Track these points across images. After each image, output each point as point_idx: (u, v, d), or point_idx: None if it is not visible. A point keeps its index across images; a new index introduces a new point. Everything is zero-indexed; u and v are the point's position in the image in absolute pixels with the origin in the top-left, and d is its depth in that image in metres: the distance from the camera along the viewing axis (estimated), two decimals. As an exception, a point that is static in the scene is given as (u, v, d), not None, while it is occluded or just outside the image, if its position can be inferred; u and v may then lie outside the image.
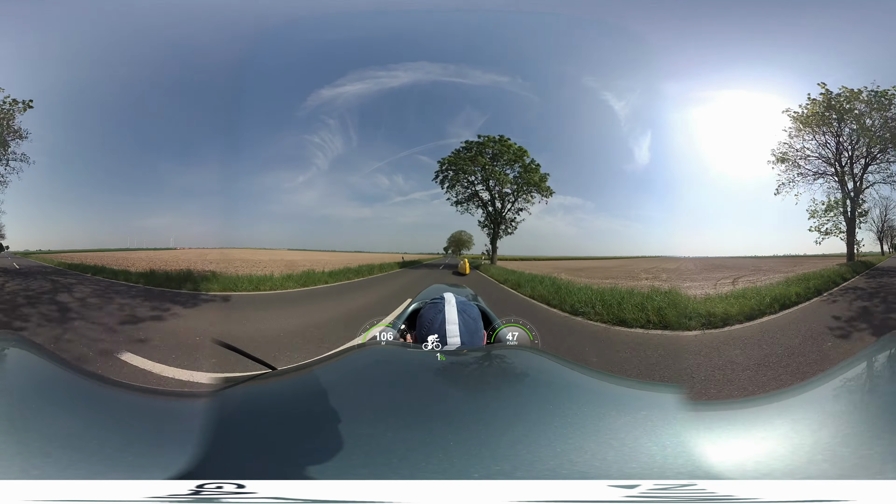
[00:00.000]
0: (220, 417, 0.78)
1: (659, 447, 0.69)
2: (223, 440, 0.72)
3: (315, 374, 1.01)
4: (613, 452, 0.68)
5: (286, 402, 0.88)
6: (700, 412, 0.81)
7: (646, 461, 0.66)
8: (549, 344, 5.24)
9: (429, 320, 1.43)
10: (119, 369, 5.40)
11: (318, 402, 0.82)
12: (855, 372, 0.95)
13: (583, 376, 0.99)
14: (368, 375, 1.02)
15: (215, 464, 0.67)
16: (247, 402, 0.91)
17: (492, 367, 1.12)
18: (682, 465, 0.66)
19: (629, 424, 0.76)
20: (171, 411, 0.91)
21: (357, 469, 0.64)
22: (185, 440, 0.70)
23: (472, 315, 1.47)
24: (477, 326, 1.46)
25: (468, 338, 1.39)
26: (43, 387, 0.94)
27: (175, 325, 7.85)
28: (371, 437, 0.70)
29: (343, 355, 1.12)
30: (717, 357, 6.26)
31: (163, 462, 0.68)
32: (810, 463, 0.65)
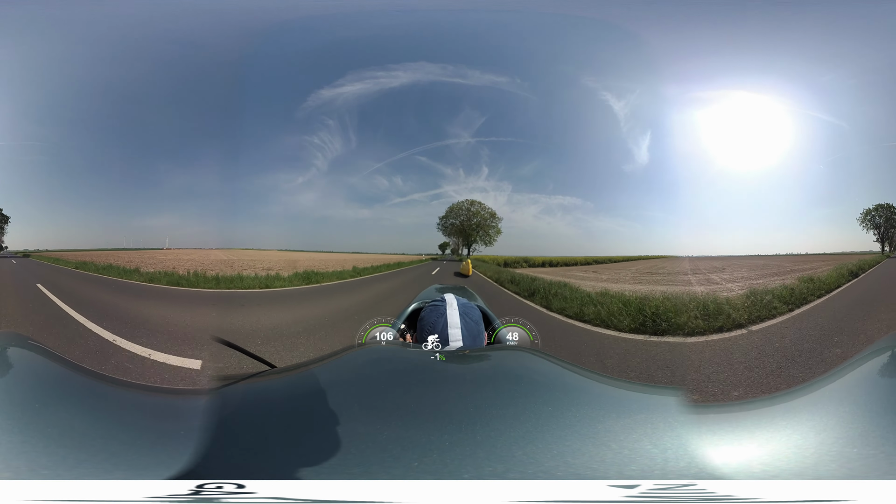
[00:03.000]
0: (221, 416, 0.78)
1: (659, 449, 0.69)
2: (223, 438, 0.72)
3: (314, 372, 1.01)
4: (612, 454, 0.67)
5: (285, 400, 0.89)
6: (701, 414, 0.80)
7: (645, 463, 0.66)
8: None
9: (430, 323, 1.42)
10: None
11: (317, 401, 0.82)
12: (857, 373, 0.94)
13: (582, 378, 0.99)
14: (367, 375, 1.02)
15: (216, 462, 0.67)
16: (247, 400, 0.91)
17: (491, 368, 1.12)
18: (683, 469, 0.66)
19: (629, 426, 0.76)
20: (173, 409, 0.91)
21: (352, 468, 0.64)
22: (187, 438, 0.71)
23: (474, 318, 1.46)
24: (479, 329, 1.46)
25: (470, 341, 1.39)
26: (45, 386, 0.94)
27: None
28: (368, 437, 0.70)
29: (342, 354, 1.12)
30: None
31: (164, 460, 0.68)
32: (817, 464, 0.65)
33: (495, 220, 23.29)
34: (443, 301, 1.49)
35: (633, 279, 15.11)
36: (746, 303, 8.53)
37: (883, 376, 0.97)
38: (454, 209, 23.47)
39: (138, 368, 5.29)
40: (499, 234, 23.26)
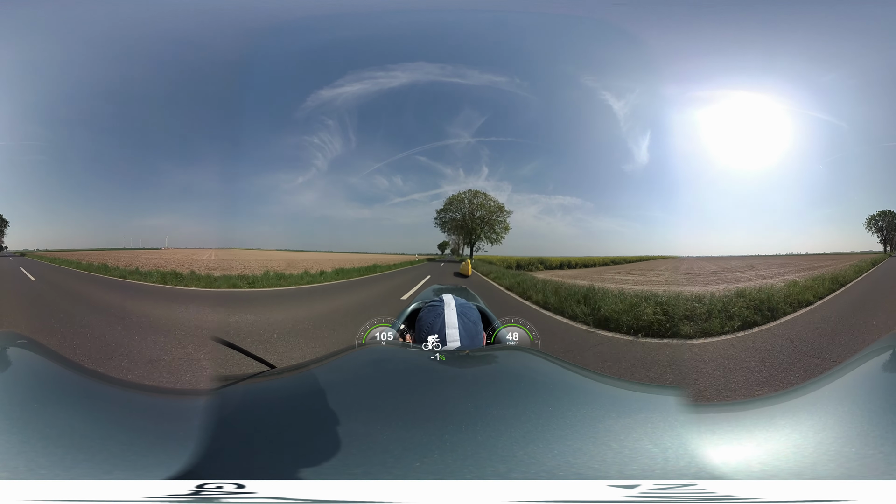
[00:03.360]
0: (221, 416, 0.78)
1: (660, 449, 0.69)
2: (223, 439, 0.72)
3: (314, 373, 1.01)
4: (613, 454, 0.67)
5: (285, 401, 0.89)
6: (701, 414, 0.80)
7: (646, 463, 0.66)
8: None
9: (428, 323, 1.42)
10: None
11: (317, 401, 0.82)
12: (857, 373, 0.95)
13: (582, 378, 0.99)
14: (367, 375, 1.02)
15: (216, 462, 0.67)
16: (246, 400, 0.91)
17: (491, 368, 1.12)
18: (683, 468, 0.66)
19: (629, 426, 0.76)
20: (172, 409, 0.91)
21: (353, 469, 0.64)
22: (187, 438, 0.71)
23: (472, 318, 1.46)
24: (477, 330, 1.46)
25: (468, 342, 1.39)
26: (45, 386, 0.94)
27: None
28: (368, 437, 0.70)
29: (342, 354, 1.12)
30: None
31: (164, 460, 0.68)
32: (815, 464, 0.65)
33: (503, 214, 21.40)
34: (441, 301, 1.49)
35: (678, 280, 14.14)
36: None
37: (882, 376, 0.97)
38: (454, 201, 21.70)
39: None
40: (507, 231, 21.30)
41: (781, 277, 12.33)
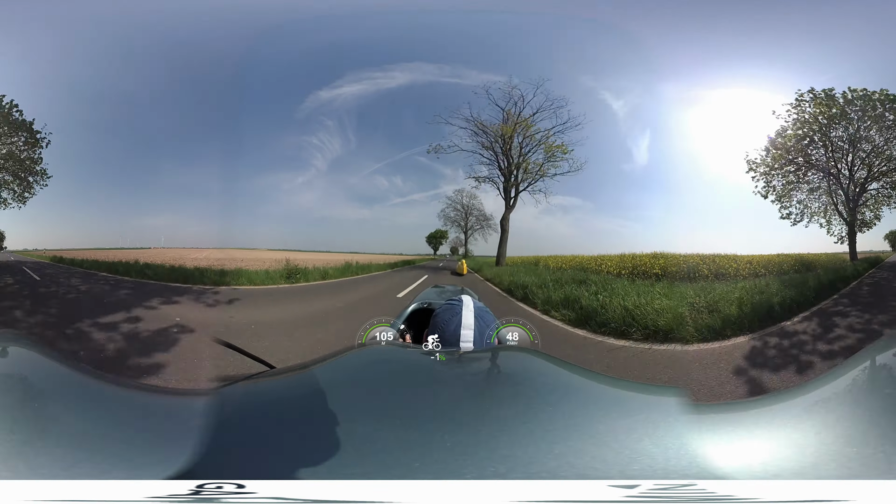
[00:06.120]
0: (221, 416, 0.78)
1: (660, 449, 0.69)
2: (223, 438, 0.72)
3: (314, 373, 1.01)
4: (613, 454, 0.67)
5: (285, 401, 0.89)
6: (702, 414, 0.80)
7: (647, 463, 0.66)
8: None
9: (444, 321, 1.44)
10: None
11: (317, 401, 0.82)
12: (856, 372, 0.94)
13: (583, 378, 0.99)
14: (367, 375, 1.02)
15: (215, 462, 0.67)
16: (246, 401, 0.91)
17: (491, 368, 1.12)
18: (684, 468, 0.65)
19: (630, 427, 0.76)
20: (172, 409, 0.91)
21: (353, 469, 0.64)
22: (186, 438, 0.70)
23: (487, 321, 1.48)
24: (488, 333, 1.47)
25: (480, 344, 1.40)
26: (44, 385, 0.94)
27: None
28: (368, 437, 0.70)
29: (342, 354, 1.12)
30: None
31: (164, 460, 0.67)
32: (817, 464, 0.65)
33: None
34: (459, 301, 1.50)
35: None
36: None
37: (883, 375, 0.97)
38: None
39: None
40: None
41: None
